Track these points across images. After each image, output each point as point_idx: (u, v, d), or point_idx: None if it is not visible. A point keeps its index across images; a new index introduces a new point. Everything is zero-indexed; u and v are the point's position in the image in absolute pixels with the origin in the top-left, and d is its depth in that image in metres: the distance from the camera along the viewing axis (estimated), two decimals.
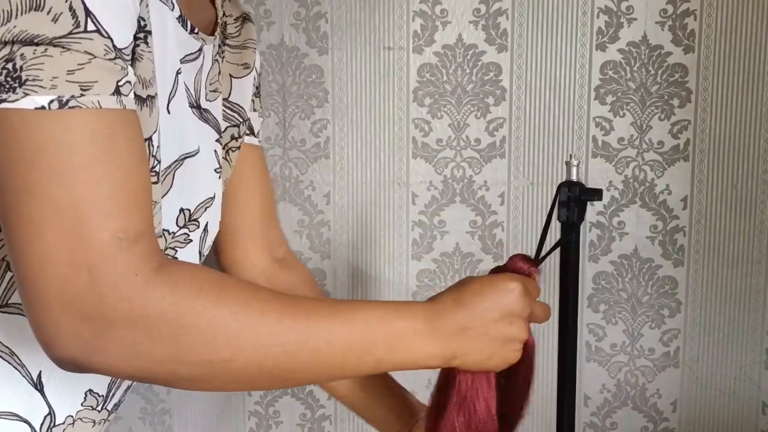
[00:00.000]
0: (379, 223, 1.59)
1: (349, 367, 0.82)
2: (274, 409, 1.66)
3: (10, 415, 0.84)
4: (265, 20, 1.53)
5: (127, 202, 0.70)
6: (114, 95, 0.69)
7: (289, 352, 0.76)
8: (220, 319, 0.73)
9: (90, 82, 0.67)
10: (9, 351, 0.82)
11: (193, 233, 0.95)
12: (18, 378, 0.83)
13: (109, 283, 0.68)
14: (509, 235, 1.59)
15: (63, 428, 0.89)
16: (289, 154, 1.57)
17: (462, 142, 1.56)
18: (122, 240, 0.68)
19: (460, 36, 1.53)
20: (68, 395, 0.88)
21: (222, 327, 0.73)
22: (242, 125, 1.09)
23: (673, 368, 1.61)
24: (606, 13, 1.51)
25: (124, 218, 0.69)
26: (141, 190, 0.72)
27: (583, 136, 1.54)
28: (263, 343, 0.75)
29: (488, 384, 0.90)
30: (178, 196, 0.89)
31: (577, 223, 0.92)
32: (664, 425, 1.62)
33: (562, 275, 0.95)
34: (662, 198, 1.55)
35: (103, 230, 0.67)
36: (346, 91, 1.55)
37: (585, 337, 1.61)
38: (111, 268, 0.68)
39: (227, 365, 0.74)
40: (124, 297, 0.68)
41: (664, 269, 1.58)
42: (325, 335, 0.78)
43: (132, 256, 0.69)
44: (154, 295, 0.70)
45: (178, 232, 0.92)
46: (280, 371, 0.77)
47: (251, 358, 0.75)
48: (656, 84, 1.52)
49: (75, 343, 0.69)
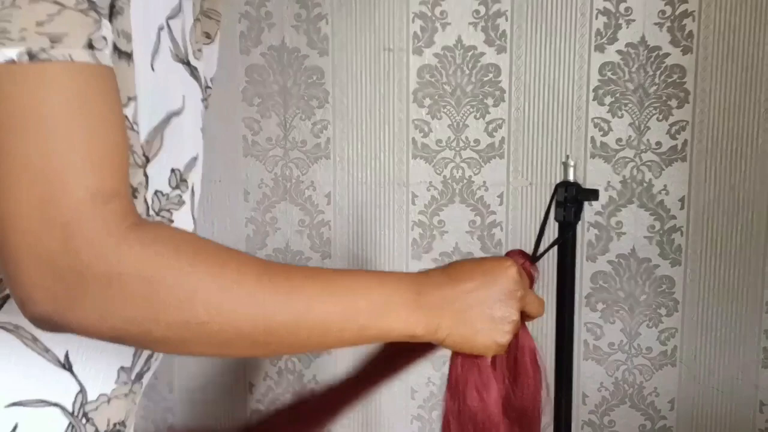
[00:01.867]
0: (379, 223, 1.60)
1: (332, 333, 0.79)
2: (276, 408, 1.67)
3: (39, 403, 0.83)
4: (266, 22, 1.55)
5: (100, 160, 0.68)
6: (87, 49, 0.67)
7: (268, 315, 0.75)
8: (197, 280, 0.71)
9: (60, 34, 0.65)
10: (32, 337, 0.81)
11: (185, 194, 0.93)
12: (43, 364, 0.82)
13: (83, 240, 0.67)
14: (508, 234, 1.60)
15: (96, 405, 0.87)
16: (290, 154, 1.59)
17: (461, 142, 1.57)
18: (96, 198, 0.67)
19: (460, 37, 1.54)
20: (99, 373, 0.87)
21: (199, 287, 0.71)
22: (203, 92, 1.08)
23: (670, 367, 1.62)
24: (604, 14, 1.52)
25: (98, 176, 0.68)
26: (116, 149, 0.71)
27: (582, 137, 1.55)
28: (242, 304, 0.73)
29: (480, 371, 0.89)
30: (168, 156, 0.87)
31: (573, 222, 0.93)
32: (662, 423, 1.64)
33: (559, 275, 0.96)
34: (660, 198, 1.56)
35: (77, 188, 0.66)
36: (347, 92, 1.56)
37: (583, 336, 1.62)
38: (85, 226, 0.67)
39: (204, 327, 0.72)
40: (98, 254, 0.67)
41: (661, 269, 1.59)
42: (306, 298, 0.77)
43: (106, 214, 0.68)
44: (130, 253, 0.68)
45: (172, 193, 0.90)
46: (260, 335, 0.75)
47: (229, 321, 0.73)
48: (654, 85, 1.53)
49: (49, 301, 0.68)
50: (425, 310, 0.83)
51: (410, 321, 0.82)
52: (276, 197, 1.62)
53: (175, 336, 0.73)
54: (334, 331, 0.79)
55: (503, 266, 0.87)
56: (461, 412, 0.90)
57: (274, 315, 0.75)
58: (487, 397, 0.90)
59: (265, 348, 0.80)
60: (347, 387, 1.12)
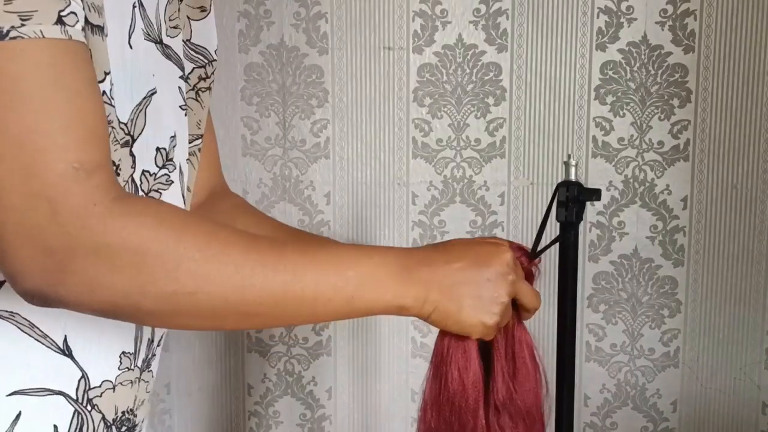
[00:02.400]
0: (379, 223, 1.59)
1: (320, 304, 0.79)
2: (274, 409, 1.66)
3: (41, 391, 0.82)
4: (265, 20, 1.54)
5: (80, 133, 0.69)
6: (57, 25, 0.67)
7: (257, 285, 0.75)
8: (184, 250, 0.72)
9: (29, 12, 0.66)
10: (29, 323, 0.81)
11: (173, 174, 0.93)
12: (42, 350, 0.82)
13: (69, 212, 0.67)
14: (509, 234, 1.59)
15: (101, 392, 0.87)
16: (289, 154, 1.58)
17: (462, 142, 1.56)
18: (79, 171, 0.68)
19: (460, 36, 1.53)
20: (100, 358, 0.86)
21: (186, 258, 0.72)
22: (209, 65, 1.08)
23: (673, 368, 1.61)
24: (606, 13, 1.51)
25: (79, 149, 0.68)
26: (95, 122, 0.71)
27: (583, 136, 1.54)
28: (229, 274, 0.74)
29: (464, 353, 0.89)
30: (153, 135, 0.87)
31: (575, 222, 0.91)
32: (664, 425, 1.62)
33: (561, 275, 0.95)
34: (662, 198, 1.55)
35: (58, 161, 0.67)
36: (346, 91, 1.55)
37: (585, 337, 1.61)
38: (70, 199, 0.67)
39: (192, 298, 0.73)
40: (85, 226, 0.68)
41: (664, 269, 1.58)
42: (293, 268, 0.77)
43: (90, 187, 0.68)
44: (116, 224, 0.69)
45: (159, 173, 0.90)
46: (249, 306, 0.76)
47: (217, 291, 0.73)
48: (656, 84, 1.52)
49: (40, 275, 0.69)
50: (413, 283, 0.82)
51: (399, 292, 0.82)
52: (275, 197, 1.61)
53: (164, 308, 0.73)
54: (323, 302, 0.79)
55: (497, 249, 0.86)
56: (440, 393, 0.90)
57: (262, 285, 0.75)
58: (467, 380, 0.89)
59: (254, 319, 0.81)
60: None
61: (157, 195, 0.90)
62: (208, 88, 1.08)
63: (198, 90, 1.06)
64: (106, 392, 0.88)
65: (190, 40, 1.05)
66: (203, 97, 1.07)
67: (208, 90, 1.08)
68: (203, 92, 1.07)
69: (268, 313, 0.78)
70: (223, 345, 1.65)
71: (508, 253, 0.86)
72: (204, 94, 1.07)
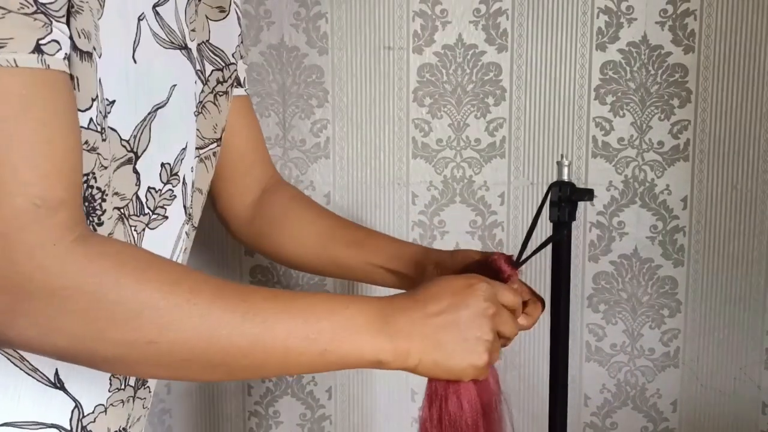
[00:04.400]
0: (379, 223, 1.59)
1: (291, 357, 0.76)
2: (274, 409, 1.67)
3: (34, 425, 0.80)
4: (265, 20, 1.54)
5: (46, 167, 0.66)
6: (34, 53, 0.65)
7: (223, 336, 0.72)
8: (146, 297, 0.69)
9: (4, 39, 0.63)
10: (18, 356, 0.79)
11: (176, 188, 0.91)
12: (32, 383, 0.80)
13: (22, 251, 0.64)
14: (509, 235, 1.59)
15: (94, 417, 0.85)
16: (289, 154, 1.58)
17: (462, 142, 1.56)
18: (39, 208, 0.65)
19: (460, 36, 1.53)
20: (92, 385, 0.85)
21: (147, 305, 0.69)
22: (226, 69, 1.06)
23: (673, 368, 1.60)
24: (606, 13, 1.50)
25: (42, 185, 0.65)
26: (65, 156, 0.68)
27: (583, 136, 1.54)
28: (193, 324, 0.70)
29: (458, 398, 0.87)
30: (157, 150, 0.85)
31: (568, 222, 0.92)
32: (664, 425, 1.62)
33: (554, 276, 0.95)
34: (662, 198, 1.55)
35: (17, 196, 0.64)
36: (346, 91, 1.56)
37: (585, 337, 1.61)
38: (26, 236, 0.64)
39: (153, 347, 0.70)
40: (39, 266, 0.65)
41: (664, 269, 1.58)
42: (262, 319, 0.74)
43: (51, 225, 0.66)
44: (73, 266, 0.66)
45: (164, 188, 0.88)
46: (214, 356, 0.72)
47: (180, 340, 0.70)
48: (656, 84, 1.51)
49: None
50: (392, 336, 0.80)
51: (376, 346, 0.79)
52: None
53: (122, 355, 0.70)
54: (294, 355, 0.76)
55: (471, 285, 0.84)
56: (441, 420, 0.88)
57: (229, 336, 0.72)
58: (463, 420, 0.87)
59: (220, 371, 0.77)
60: None
61: (162, 211, 0.89)
62: (225, 92, 1.06)
63: (216, 93, 1.04)
64: (99, 416, 0.86)
65: (209, 41, 1.03)
66: (220, 102, 1.05)
67: (226, 94, 1.06)
68: (221, 96, 1.05)
69: (234, 363, 0.75)
70: None
71: (482, 286, 0.84)
72: (221, 98, 1.05)
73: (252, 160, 1.20)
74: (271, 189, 1.22)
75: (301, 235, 1.17)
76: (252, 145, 1.20)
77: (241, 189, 1.18)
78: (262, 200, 1.20)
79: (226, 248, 1.63)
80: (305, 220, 1.19)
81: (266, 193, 1.21)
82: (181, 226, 0.95)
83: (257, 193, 1.21)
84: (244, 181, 1.18)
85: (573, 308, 1.59)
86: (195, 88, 0.96)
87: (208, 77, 1.02)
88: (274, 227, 1.19)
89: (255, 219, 1.19)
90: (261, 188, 1.21)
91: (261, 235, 1.19)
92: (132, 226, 0.84)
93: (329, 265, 1.16)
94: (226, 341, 0.72)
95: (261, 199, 1.20)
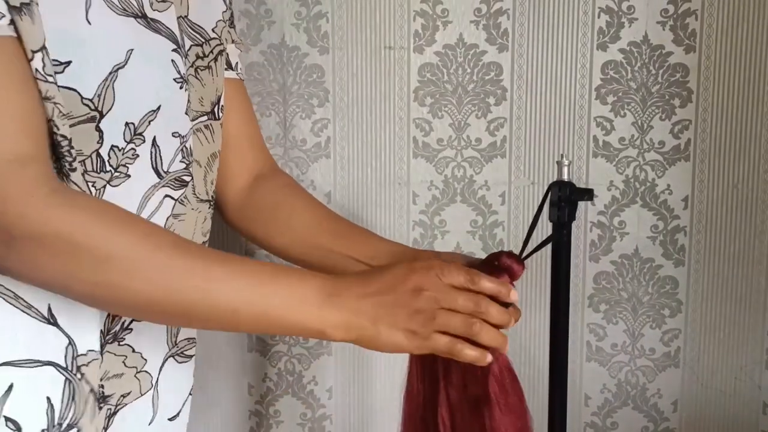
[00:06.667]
0: (379, 223, 1.59)
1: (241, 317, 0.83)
2: (274, 409, 1.67)
3: (31, 363, 0.85)
4: (266, 20, 1.54)
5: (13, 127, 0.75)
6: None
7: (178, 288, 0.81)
8: (114, 245, 0.78)
9: None
10: (13, 294, 0.85)
11: (140, 148, 0.93)
12: (27, 320, 0.86)
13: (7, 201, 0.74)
14: (510, 234, 1.59)
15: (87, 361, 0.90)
16: (289, 153, 1.58)
17: (463, 141, 1.56)
18: (12, 162, 0.74)
19: (461, 36, 1.53)
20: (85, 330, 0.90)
21: (114, 252, 0.78)
22: (206, 44, 1.07)
23: (673, 368, 1.60)
24: (607, 12, 1.50)
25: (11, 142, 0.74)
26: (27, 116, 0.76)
27: (584, 136, 1.54)
28: (151, 276, 0.79)
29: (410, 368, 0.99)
30: (121, 110, 0.89)
31: (567, 222, 0.92)
32: (665, 425, 1.62)
33: (554, 275, 0.95)
34: (663, 198, 1.55)
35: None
36: (347, 90, 1.56)
37: (586, 337, 1.61)
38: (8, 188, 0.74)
39: (117, 291, 0.79)
40: (22, 215, 0.75)
41: (664, 269, 1.57)
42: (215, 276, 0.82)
43: (24, 178, 0.75)
44: (52, 215, 0.76)
45: (126, 147, 0.92)
46: (169, 306, 0.81)
47: (141, 289, 0.79)
48: (657, 84, 1.51)
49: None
50: (335, 309, 0.86)
51: (320, 317, 0.85)
52: None
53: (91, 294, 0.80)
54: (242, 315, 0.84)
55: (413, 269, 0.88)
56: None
57: (185, 291, 0.81)
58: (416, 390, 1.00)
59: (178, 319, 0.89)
60: None
61: (124, 170, 0.92)
62: (208, 67, 1.08)
63: (197, 68, 1.06)
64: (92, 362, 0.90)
65: (187, 16, 1.05)
66: (202, 76, 1.07)
67: (208, 68, 1.08)
68: (202, 70, 1.07)
69: (189, 315, 0.84)
70: (224, 345, 1.65)
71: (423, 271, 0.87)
72: (203, 72, 1.07)
73: (243, 144, 1.22)
74: (265, 176, 1.24)
75: (290, 222, 1.20)
76: (244, 129, 1.22)
77: (233, 173, 1.21)
78: (254, 186, 1.22)
79: (226, 249, 1.63)
80: (295, 209, 1.21)
81: (259, 180, 1.23)
82: (150, 187, 0.96)
83: (249, 179, 1.22)
84: (235, 165, 1.21)
85: (574, 308, 1.59)
86: (172, 57, 0.98)
87: (187, 51, 1.04)
88: (262, 213, 1.21)
89: (246, 204, 1.22)
90: (253, 174, 1.23)
91: (250, 220, 1.22)
92: (90, 182, 0.88)
93: (313, 254, 1.19)
94: (179, 295, 0.81)
95: (253, 185, 1.22)
